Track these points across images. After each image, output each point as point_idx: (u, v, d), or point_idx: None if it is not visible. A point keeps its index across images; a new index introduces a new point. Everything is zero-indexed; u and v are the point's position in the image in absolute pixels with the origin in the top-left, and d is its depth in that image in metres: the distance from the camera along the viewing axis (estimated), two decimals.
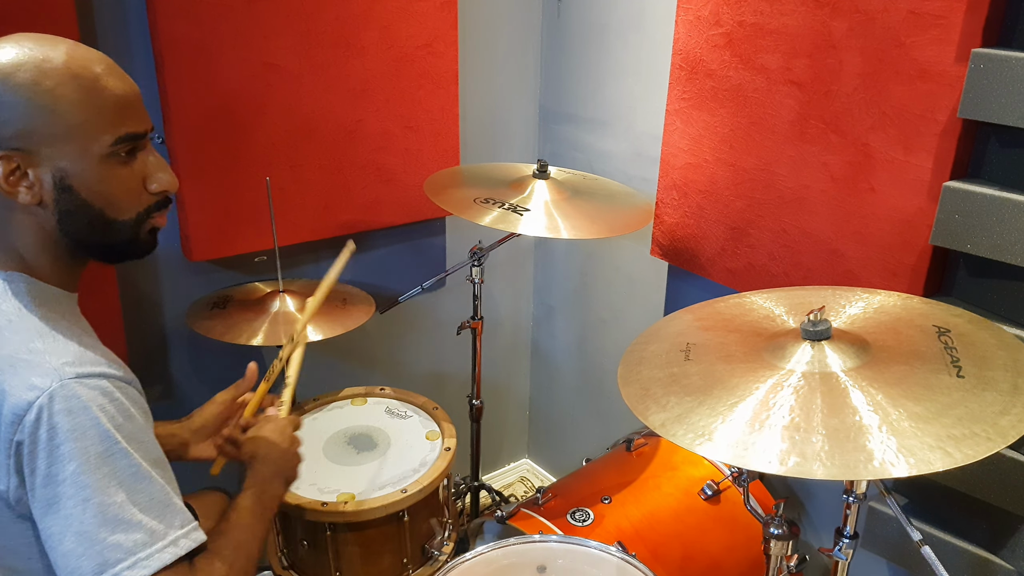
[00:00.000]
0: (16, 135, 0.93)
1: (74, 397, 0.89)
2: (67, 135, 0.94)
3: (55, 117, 0.94)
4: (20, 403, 0.88)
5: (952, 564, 1.39)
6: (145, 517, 0.92)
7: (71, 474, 0.88)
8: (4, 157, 0.93)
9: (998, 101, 1.23)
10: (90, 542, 0.89)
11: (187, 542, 0.96)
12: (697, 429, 0.99)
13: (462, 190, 1.84)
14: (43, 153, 0.94)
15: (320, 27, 1.84)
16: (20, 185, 0.95)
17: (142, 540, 0.91)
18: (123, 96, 0.98)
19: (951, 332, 1.12)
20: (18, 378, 0.89)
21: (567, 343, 2.55)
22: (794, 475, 0.90)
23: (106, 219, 1.00)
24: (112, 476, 0.90)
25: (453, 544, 1.67)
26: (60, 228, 0.99)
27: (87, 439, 0.89)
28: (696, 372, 1.11)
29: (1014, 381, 0.99)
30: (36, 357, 0.91)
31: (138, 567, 0.90)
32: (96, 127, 0.96)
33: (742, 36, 1.63)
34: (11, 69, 0.93)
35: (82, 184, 0.97)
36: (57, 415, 0.88)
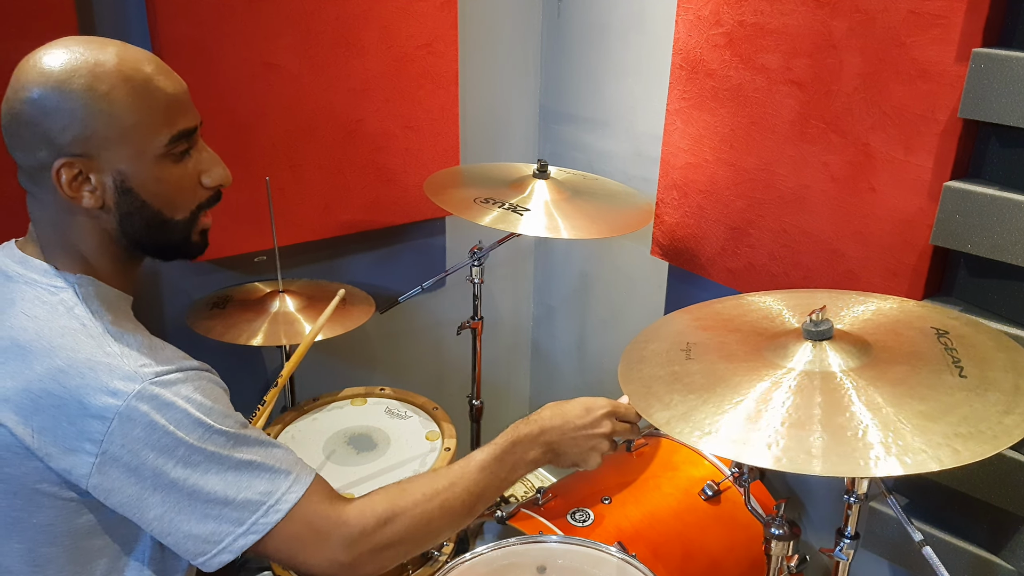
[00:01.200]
0: (76, 141, 0.94)
1: (157, 397, 0.91)
2: (124, 137, 0.96)
3: (112, 120, 0.95)
4: (107, 407, 0.90)
5: (952, 564, 1.39)
6: (262, 470, 0.96)
7: (180, 460, 0.92)
8: (67, 164, 0.94)
9: (998, 101, 1.23)
10: (219, 508, 0.94)
11: (307, 474, 0.99)
12: (701, 426, 0.99)
13: (462, 190, 1.84)
14: (103, 157, 0.96)
15: (320, 27, 1.84)
16: (83, 190, 0.97)
17: (267, 489, 0.96)
18: (174, 94, 1.00)
19: (951, 334, 1.12)
20: (99, 383, 0.91)
21: (567, 343, 2.55)
22: (796, 471, 0.90)
23: (163, 218, 1.02)
24: (218, 452, 0.94)
25: (453, 544, 1.66)
26: (120, 229, 1.01)
27: (183, 429, 0.92)
28: (698, 370, 1.11)
29: (1015, 381, 0.99)
30: (114, 361, 0.93)
31: (271, 513, 0.95)
32: (151, 127, 0.97)
33: (742, 36, 1.63)
34: (66, 76, 0.94)
35: (141, 185, 0.99)
36: (148, 415, 0.90)
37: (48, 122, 0.94)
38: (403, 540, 1.03)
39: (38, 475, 0.93)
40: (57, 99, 0.93)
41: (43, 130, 0.94)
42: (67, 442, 0.91)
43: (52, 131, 0.94)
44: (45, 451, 0.92)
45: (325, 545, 0.99)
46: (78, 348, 0.93)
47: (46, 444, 0.92)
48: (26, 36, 1.50)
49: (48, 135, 0.94)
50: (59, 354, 0.92)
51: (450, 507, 1.07)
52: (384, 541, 1.02)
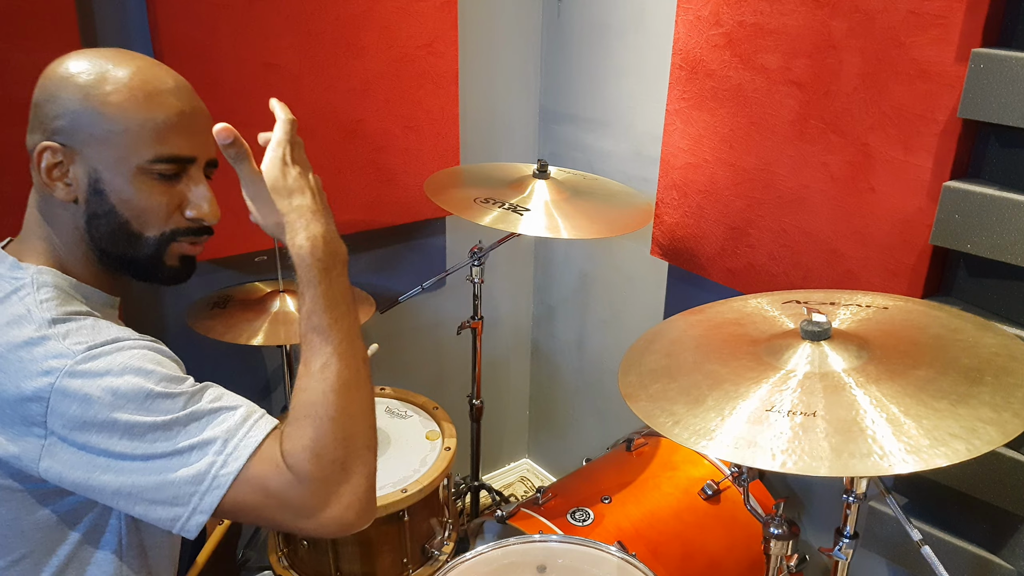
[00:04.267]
0: (63, 129, 0.97)
1: (90, 372, 0.89)
2: (108, 140, 0.97)
3: (101, 120, 0.96)
4: (42, 387, 0.88)
5: (952, 564, 1.39)
6: (214, 421, 0.91)
7: (123, 431, 0.88)
8: (49, 149, 0.97)
9: (998, 101, 1.23)
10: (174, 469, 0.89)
11: (264, 423, 0.93)
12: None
13: (462, 190, 1.85)
14: (84, 153, 0.97)
15: (320, 27, 1.84)
16: (59, 180, 0.98)
17: (224, 437, 0.90)
18: (177, 117, 1.00)
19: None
20: (35, 364, 0.89)
21: (567, 343, 2.55)
22: (798, 473, 0.90)
23: (130, 231, 1.01)
24: (162, 417, 0.89)
25: (453, 544, 1.67)
26: (87, 230, 1.01)
27: (122, 398, 0.89)
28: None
29: (1014, 379, 0.99)
30: (51, 342, 0.91)
31: (229, 463, 0.89)
32: (139, 141, 0.97)
33: (742, 36, 1.63)
34: (77, 71, 0.97)
35: (113, 191, 0.98)
36: (81, 389, 0.88)
37: (47, 107, 0.98)
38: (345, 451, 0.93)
39: None
40: (59, 88, 0.97)
41: (42, 114, 0.98)
42: (12, 428, 0.90)
43: (47, 116, 0.97)
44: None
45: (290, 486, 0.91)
46: (19, 334, 0.91)
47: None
48: (26, 36, 1.51)
49: (43, 120, 0.98)
50: (2, 340, 0.91)
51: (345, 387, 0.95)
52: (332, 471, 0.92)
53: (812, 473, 0.90)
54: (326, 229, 1.00)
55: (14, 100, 1.53)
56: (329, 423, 0.92)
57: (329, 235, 1.00)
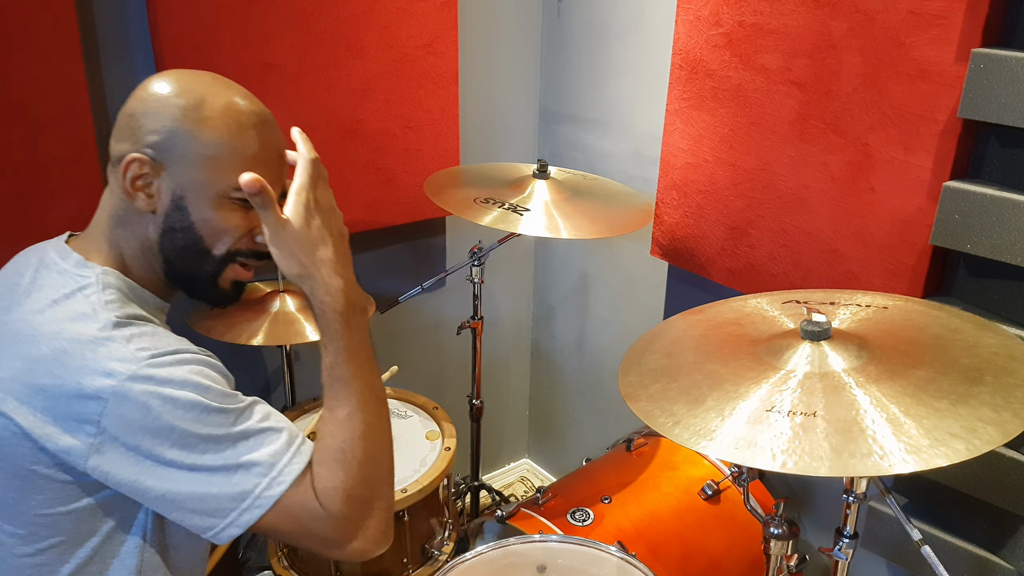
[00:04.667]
0: (156, 145, 1.00)
1: (152, 378, 0.92)
2: (198, 163, 1.01)
3: (194, 144, 1.00)
4: (103, 388, 0.91)
5: (952, 564, 1.39)
6: (263, 440, 0.96)
7: (177, 441, 0.92)
8: (138, 160, 1.00)
9: (998, 101, 1.23)
10: (219, 486, 0.94)
11: (307, 447, 0.99)
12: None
13: (462, 190, 1.85)
14: (172, 170, 1.01)
15: (320, 27, 1.84)
16: (142, 191, 1.01)
17: (270, 461, 0.96)
18: (265, 153, 1.05)
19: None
20: (98, 363, 0.92)
21: (567, 343, 2.55)
22: (798, 473, 0.90)
23: (202, 247, 1.05)
24: (215, 432, 0.94)
25: (453, 544, 1.67)
26: (159, 242, 1.04)
27: (179, 408, 0.92)
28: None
29: (1014, 379, 0.99)
30: (115, 344, 0.94)
31: (274, 485, 0.95)
32: (227, 168, 1.02)
33: (742, 36, 1.63)
34: (179, 90, 1.02)
35: (195, 209, 1.03)
36: (143, 395, 0.91)
37: (142, 120, 1.00)
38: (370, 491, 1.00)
39: (34, 456, 0.95)
40: (159, 105, 1.01)
41: (136, 125, 1.01)
42: (65, 423, 0.93)
43: (142, 129, 1.00)
44: (44, 431, 0.93)
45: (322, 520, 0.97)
46: (84, 331, 0.95)
47: (45, 424, 0.93)
48: (26, 36, 1.51)
49: (137, 131, 1.00)
50: (64, 336, 0.94)
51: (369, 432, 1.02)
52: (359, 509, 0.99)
53: (812, 473, 0.90)
54: (346, 281, 1.07)
55: (14, 100, 1.53)
56: (357, 467, 0.99)
57: (349, 287, 1.07)
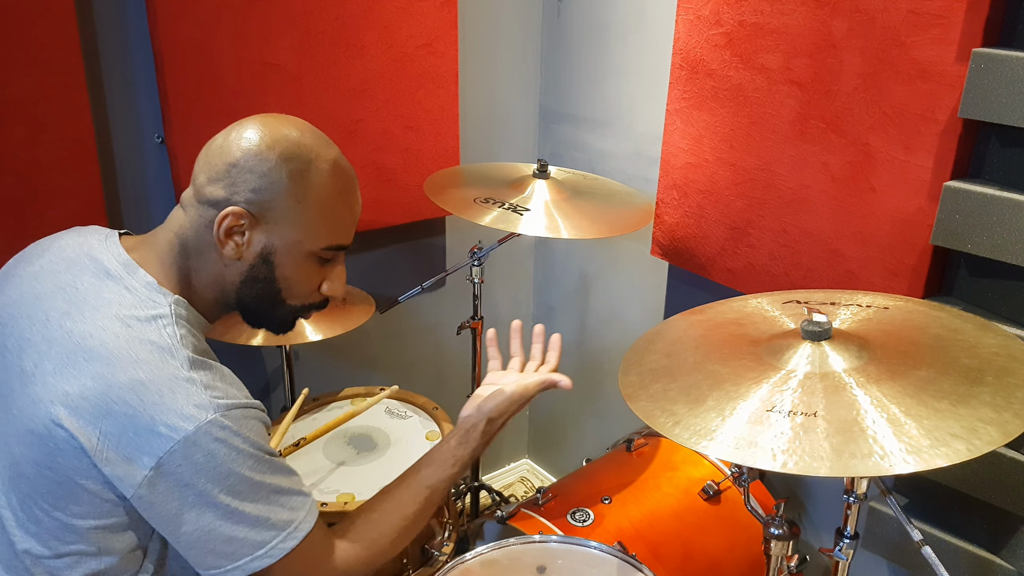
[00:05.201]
0: (257, 202, 1.03)
1: (226, 428, 0.97)
2: (294, 223, 1.05)
3: (296, 206, 1.04)
4: (178, 428, 0.94)
5: (952, 564, 1.39)
6: (287, 499, 1.03)
7: (228, 486, 0.98)
8: (236, 214, 1.02)
9: (998, 101, 1.23)
10: (246, 531, 1.00)
11: (315, 509, 1.07)
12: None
13: (462, 190, 1.84)
14: (267, 227, 1.05)
15: (320, 27, 1.84)
16: (232, 239, 1.04)
17: (288, 518, 1.03)
18: (353, 215, 1.12)
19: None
20: (176, 404, 0.95)
21: (567, 343, 2.54)
22: (799, 473, 0.90)
23: (279, 299, 1.10)
24: (258, 483, 1.00)
25: (453, 544, 1.66)
26: (239, 286, 1.08)
27: (236, 462, 0.98)
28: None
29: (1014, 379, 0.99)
30: (193, 386, 0.97)
31: (289, 539, 1.03)
32: (322, 231, 1.07)
33: (742, 36, 1.63)
34: (288, 154, 1.04)
35: (281, 264, 1.07)
36: (212, 443, 0.96)
37: (247, 175, 1.02)
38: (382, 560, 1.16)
39: (88, 472, 0.96)
40: (266, 163, 1.03)
41: (238, 176, 1.02)
42: (128, 451, 0.95)
43: (245, 183, 1.02)
44: (104, 455, 0.95)
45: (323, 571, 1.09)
46: (162, 367, 0.97)
47: (107, 448, 0.95)
48: (26, 36, 1.51)
49: (239, 183, 1.02)
50: (143, 368, 0.96)
51: (416, 526, 1.19)
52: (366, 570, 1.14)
53: (813, 473, 0.90)
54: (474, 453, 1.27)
55: (14, 100, 1.53)
56: (382, 556, 1.15)
57: (475, 455, 1.27)
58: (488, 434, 1.26)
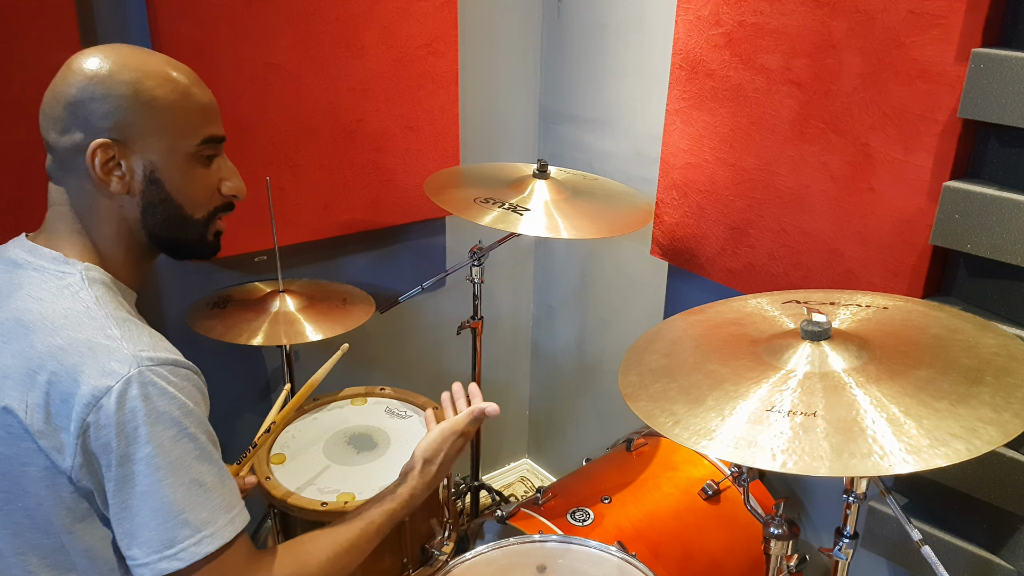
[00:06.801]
0: (116, 126, 1.01)
1: (150, 383, 0.93)
2: (160, 131, 1.03)
3: (153, 113, 1.02)
4: (99, 387, 0.91)
5: (952, 564, 1.39)
6: (209, 497, 0.97)
7: (146, 456, 0.93)
8: (103, 145, 1.00)
9: (998, 101, 1.23)
10: (161, 519, 0.94)
11: (241, 519, 1.01)
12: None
13: (462, 190, 1.84)
14: (137, 146, 1.02)
15: (320, 27, 1.84)
16: (113, 174, 1.02)
17: (206, 519, 0.97)
18: (208, 103, 1.09)
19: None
20: (97, 362, 0.93)
21: (567, 343, 2.55)
22: (798, 473, 0.90)
23: (183, 215, 1.08)
24: (182, 459, 0.95)
25: (453, 544, 1.66)
26: (142, 219, 1.06)
27: (161, 423, 0.93)
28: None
29: (1014, 379, 0.99)
30: (114, 343, 0.95)
31: (203, 543, 0.96)
32: (186, 127, 1.05)
33: (742, 36, 1.63)
34: (116, 69, 1.01)
35: (168, 178, 1.05)
36: (135, 399, 0.92)
37: (92, 106, 1.00)
38: None
39: (28, 456, 0.95)
40: (105, 88, 1.00)
41: (85, 114, 1.00)
42: (58, 419, 0.93)
43: (94, 115, 1.00)
44: (36, 428, 0.93)
45: None
46: (80, 329, 0.95)
47: (38, 420, 0.93)
48: (26, 36, 1.51)
49: (89, 119, 1.00)
50: (60, 333, 0.95)
51: (350, 557, 1.16)
52: None
53: (812, 473, 0.90)
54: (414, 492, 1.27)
55: (14, 100, 1.53)
56: None
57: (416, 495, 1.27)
58: (428, 474, 1.28)
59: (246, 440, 1.51)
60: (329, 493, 1.55)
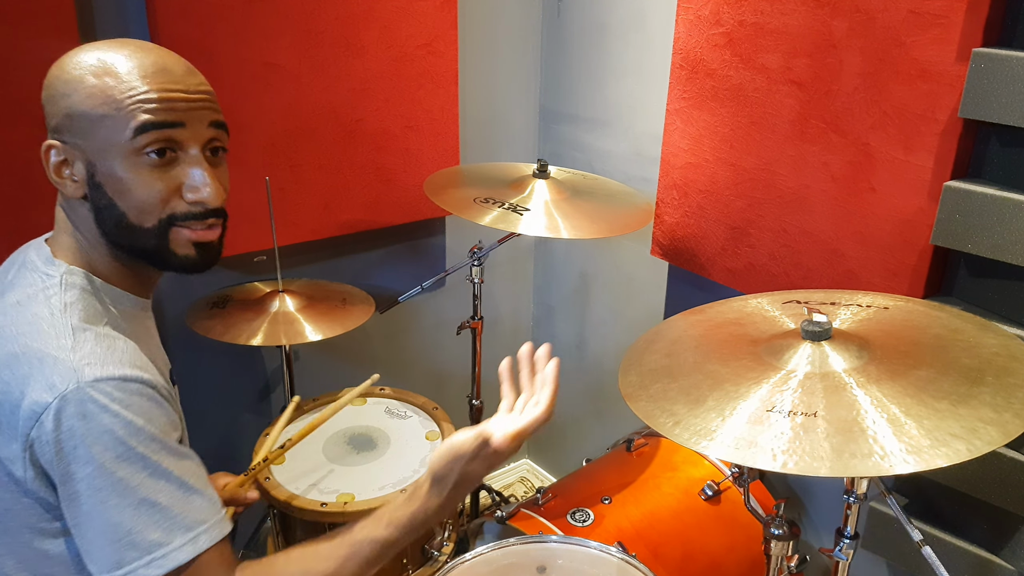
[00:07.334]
0: (60, 127, 0.95)
1: (89, 401, 0.88)
2: (92, 128, 0.93)
3: (85, 110, 0.93)
4: (39, 401, 0.88)
5: (952, 564, 1.39)
6: (164, 517, 0.91)
7: (87, 476, 0.88)
8: (51, 146, 0.96)
9: (998, 101, 1.23)
10: (108, 540, 0.89)
11: (207, 538, 0.93)
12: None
13: (462, 190, 1.84)
14: (78, 145, 0.95)
15: (320, 27, 1.84)
16: (68, 179, 0.97)
17: (158, 540, 0.90)
18: (155, 85, 0.94)
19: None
20: (43, 375, 0.89)
21: (567, 343, 2.55)
22: (799, 473, 0.90)
23: (128, 222, 0.96)
24: (128, 479, 0.89)
25: (453, 544, 1.66)
26: (98, 226, 0.98)
27: (101, 443, 0.88)
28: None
29: (1014, 379, 0.99)
30: (62, 355, 0.90)
31: (153, 566, 0.90)
32: (118, 120, 0.93)
33: (742, 36, 1.63)
34: (65, 68, 0.95)
35: (107, 180, 0.95)
36: (71, 418, 0.87)
37: (47, 107, 0.97)
38: None
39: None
40: (52, 87, 0.96)
41: (46, 114, 0.97)
42: (8, 430, 0.90)
43: (49, 116, 0.97)
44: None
45: None
46: (37, 337, 0.91)
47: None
48: (26, 36, 1.51)
49: (48, 119, 0.97)
50: (19, 340, 0.91)
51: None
52: None
53: (813, 473, 0.90)
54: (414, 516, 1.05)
55: (14, 100, 1.53)
56: None
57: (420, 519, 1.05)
58: (437, 496, 1.04)
59: (246, 440, 1.51)
60: (329, 493, 1.55)
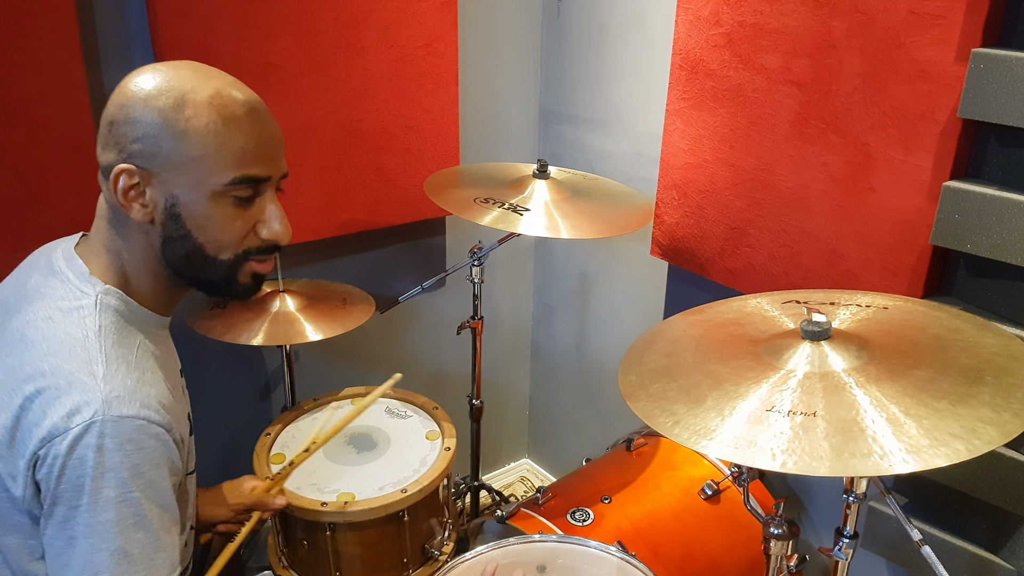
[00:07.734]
0: (142, 153, 0.97)
1: (109, 436, 0.90)
2: (186, 165, 0.97)
3: (179, 146, 0.96)
4: (59, 426, 0.89)
5: (952, 564, 1.39)
6: (131, 570, 0.93)
7: (81, 506, 0.90)
8: (126, 171, 0.96)
9: (998, 101, 1.23)
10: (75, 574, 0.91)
11: None
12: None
13: (462, 190, 1.84)
14: (162, 176, 0.97)
15: (320, 27, 1.84)
16: (135, 202, 0.98)
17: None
18: (255, 140, 1.00)
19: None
20: (70, 399, 0.90)
21: (567, 343, 2.55)
22: (798, 473, 0.90)
23: (204, 254, 1.01)
24: (114, 523, 0.91)
25: (453, 544, 1.67)
26: (162, 252, 1.01)
27: (106, 479, 0.90)
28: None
29: (1014, 379, 0.99)
30: (91, 382, 0.91)
31: None
32: (217, 164, 0.97)
33: (742, 36, 1.63)
34: (157, 92, 0.96)
35: (189, 215, 0.99)
36: (86, 448, 0.89)
37: (125, 128, 0.97)
38: None
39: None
40: (140, 110, 0.96)
41: (120, 134, 0.97)
42: (19, 446, 0.91)
43: (126, 137, 0.96)
44: (2, 450, 0.92)
45: None
46: (69, 358, 0.92)
47: (2, 444, 0.92)
48: (26, 36, 1.51)
49: (121, 140, 0.96)
50: (49, 359, 0.92)
51: None
52: None
53: (812, 473, 0.90)
54: None
55: (14, 100, 1.53)
56: None
57: None
58: None
59: (246, 440, 1.51)
60: (329, 493, 1.55)
